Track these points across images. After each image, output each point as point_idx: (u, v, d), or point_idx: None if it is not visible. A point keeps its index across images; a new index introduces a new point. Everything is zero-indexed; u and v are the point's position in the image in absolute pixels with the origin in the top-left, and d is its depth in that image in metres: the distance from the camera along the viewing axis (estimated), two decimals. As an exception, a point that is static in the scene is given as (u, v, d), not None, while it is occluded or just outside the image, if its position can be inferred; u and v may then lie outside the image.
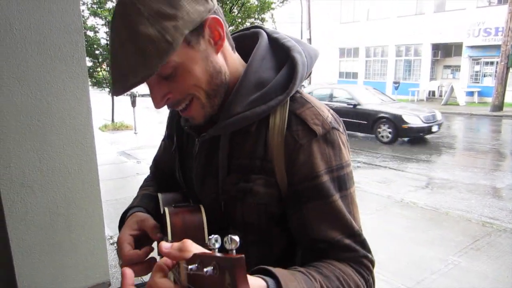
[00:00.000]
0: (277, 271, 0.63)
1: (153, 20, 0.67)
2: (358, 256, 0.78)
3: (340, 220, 0.78)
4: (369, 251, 0.80)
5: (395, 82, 19.58)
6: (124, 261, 0.84)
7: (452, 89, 18.34)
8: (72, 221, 1.79)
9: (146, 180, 1.21)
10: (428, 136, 9.98)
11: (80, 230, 1.82)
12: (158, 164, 1.21)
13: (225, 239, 0.46)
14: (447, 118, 14.65)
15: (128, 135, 11.34)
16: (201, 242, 0.76)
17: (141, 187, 1.15)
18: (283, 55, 0.85)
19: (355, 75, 24.98)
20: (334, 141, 0.80)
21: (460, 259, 3.59)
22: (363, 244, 0.79)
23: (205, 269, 0.46)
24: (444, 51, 21.25)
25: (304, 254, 0.84)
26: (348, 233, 0.78)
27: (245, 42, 0.90)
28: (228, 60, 0.83)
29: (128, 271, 0.61)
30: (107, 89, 12.32)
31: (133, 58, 0.68)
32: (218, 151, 0.86)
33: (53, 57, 1.60)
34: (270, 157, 0.80)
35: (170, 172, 1.10)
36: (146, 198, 1.05)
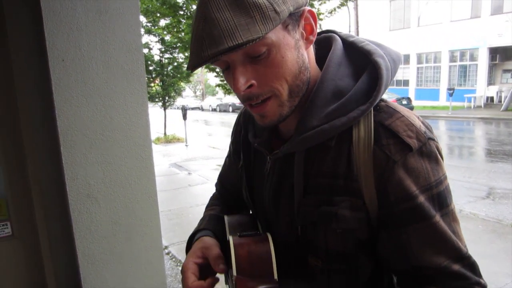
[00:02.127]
0: None
1: None
2: (470, 284, 0.69)
3: (445, 243, 0.69)
4: (480, 275, 0.71)
5: (449, 89, 18.74)
6: None
7: (513, 94, 17.29)
8: (132, 231, 1.86)
9: (212, 199, 1.15)
10: (487, 145, 9.43)
11: (139, 240, 1.89)
12: (223, 181, 1.14)
13: None
14: (508, 125, 13.80)
15: (179, 147, 11.68)
16: (268, 275, 0.71)
17: (207, 207, 1.10)
18: (361, 61, 0.76)
19: (406, 83, 24.20)
20: (431, 154, 0.71)
21: (529, 276, 3.34)
22: (473, 268, 0.70)
23: None
24: (503, 55, 20.07)
25: (403, 282, 0.75)
26: (456, 256, 0.69)
27: (317, 48, 0.82)
28: (310, 61, 0.76)
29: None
30: (160, 103, 12.79)
31: (233, 22, 0.61)
32: (293, 169, 0.78)
33: (116, 74, 1.68)
34: (356, 175, 0.71)
35: (235, 191, 1.04)
36: (214, 220, 0.98)
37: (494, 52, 20.06)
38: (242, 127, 0.97)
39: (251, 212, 1.01)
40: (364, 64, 0.75)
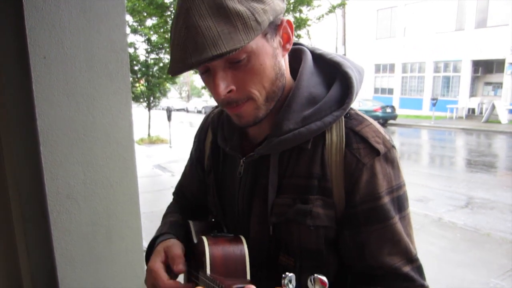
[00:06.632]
0: None
1: None
2: (415, 286, 0.75)
3: (399, 244, 0.74)
4: (424, 278, 0.77)
5: (432, 99, 19.06)
6: None
7: (493, 107, 17.65)
8: (112, 233, 1.84)
9: (169, 207, 1.15)
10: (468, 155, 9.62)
11: (119, 241, 1.86)
12: (184, 191, 1.16)
13: (310, 279, 0.45)
14: (488, 136, 14.11)
15: (163, 148, 11.60)
16: (241, 276, 0.72)
17: (166, 215, 1.10)
18: (331, 71, 0.82)
19: (390, 91, 24.52)
20: (394, 160, 0.78)
21: (503, 283, 3.42)
22: (420, 271, 0.76)
23: None
24: (485, 68, 20.51)
25: (355, 280, 0.80)
26: (407, 258, 0.75)
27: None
28: (285, 69, 0.81)
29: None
30: (144, 104, 12.69)
31: (216, 31, 0.63)
32: (267, 170, 0.81)
33: (100, 73, 1.66)
34: (329, 176, 0.76)
35: (195, 200, 1.05)
36: (175, 226, 0.98)
37: (477, 65, 20.47)
38: (207, 133, 0.99)
39: (213, 220, 1.01)
40: (333, 74, 0.82)
